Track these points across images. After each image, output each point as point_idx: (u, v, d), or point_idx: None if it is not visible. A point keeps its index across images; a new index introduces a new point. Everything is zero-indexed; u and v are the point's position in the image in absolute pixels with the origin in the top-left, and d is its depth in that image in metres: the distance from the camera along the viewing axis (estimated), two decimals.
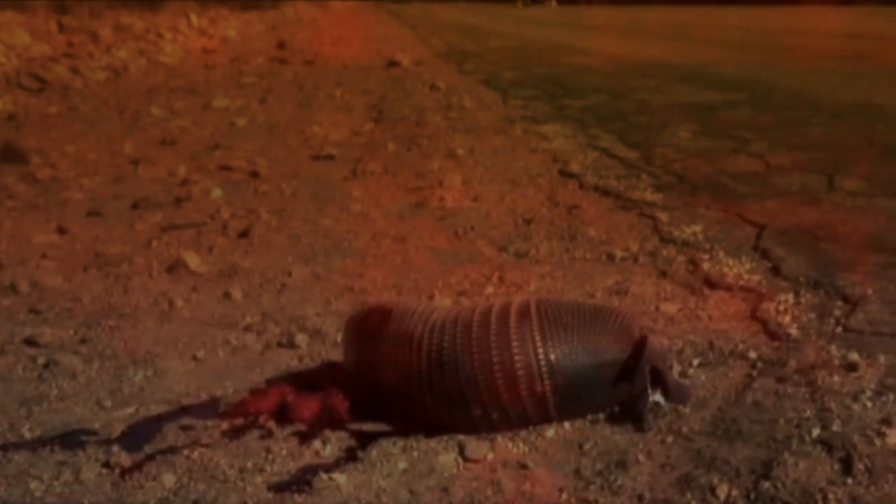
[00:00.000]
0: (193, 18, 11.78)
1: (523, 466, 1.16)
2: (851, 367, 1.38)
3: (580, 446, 1.20)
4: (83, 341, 1.61)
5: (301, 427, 1.26)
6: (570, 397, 1.23)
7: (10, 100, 4.97)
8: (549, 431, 1.23)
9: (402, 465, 1.17)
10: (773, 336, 1.53)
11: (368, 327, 1.30)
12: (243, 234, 2.33)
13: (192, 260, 2.05)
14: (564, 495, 1.09)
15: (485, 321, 1.24)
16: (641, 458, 1.17)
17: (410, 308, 1.30)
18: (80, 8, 9.28)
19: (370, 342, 1.28)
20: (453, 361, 1.22)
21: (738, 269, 1.90)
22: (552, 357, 1.21)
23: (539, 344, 1.22)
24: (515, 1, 20.65)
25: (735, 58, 7.39)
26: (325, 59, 8.43)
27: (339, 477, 1.13)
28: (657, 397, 1.26)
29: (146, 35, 9.06)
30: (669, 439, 1.21)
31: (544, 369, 1.21)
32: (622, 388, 1.25)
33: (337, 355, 1.46)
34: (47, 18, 8.06)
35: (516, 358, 1.21)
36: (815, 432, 1.19)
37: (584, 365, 1.23)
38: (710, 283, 1.82)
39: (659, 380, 1.26)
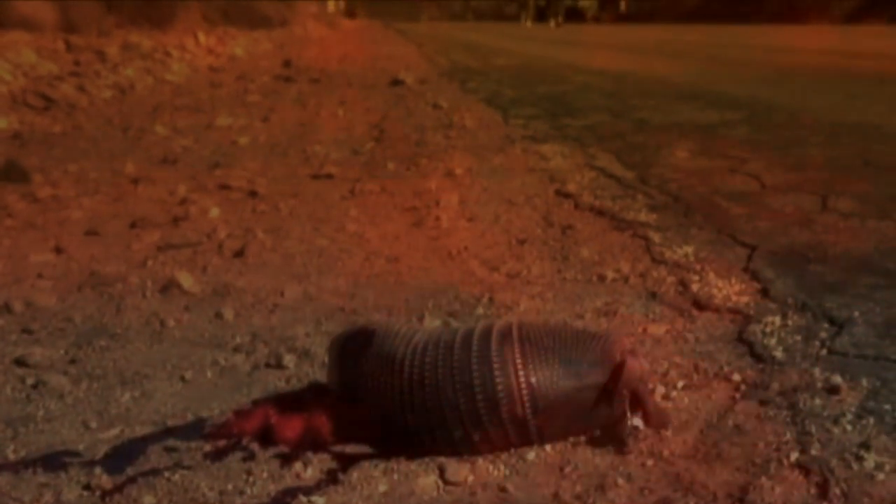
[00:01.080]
0: (201, 37, 11.88)
1: (503, 489, 1.17)
2: (833, 390, 1.38)
3: (560, 469, 1.21)
4: (73, 361, 1.62)
5: (284, 449, 1.27)
6: (551, 420, 1.24)
7: (15, 118, 5.02)
8: (530, 454, 1.24)
9: (382, 487, 1.17)
10: (758, 358, 1.54)
11: (352, 349, 1.31)
12: (238, 254, 2.35)
13: (186, 280, 2.06)
14: None
15: (466, 343, 1.25)
16: (621, 481, 1.17)
17: (393, 330, 1.31)
18: (89, 27, 9.37)
19: (353, 363, 1.29)
20: (434, 383, 1.23)
21: (728, 290, 1.90)
22: (533, 380, 1.22)
23: (520, 367, 1.23)
24: (520, 20, 20.71)
25: (734, 76, 7.42)
26: (330, 77, 8.48)
27: (319, 500, 1.14)
28: (637, 421, 1.26)
29: (153, 54, 9.14)
30: (650, 462, 1.22)
31: (525, 392, 1.22)
32: (602, 411, 1.25)
33: (324, 376, 1.47)
34: (55, 38, 8.15)
35: (497, 380, 1.22)
36: (794, 456, 1.19)
37: (565, 388, 1.23)
38: (699, 305, 1.83)
39: (639, 404, 1.26)
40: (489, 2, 48.09)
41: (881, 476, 1.14)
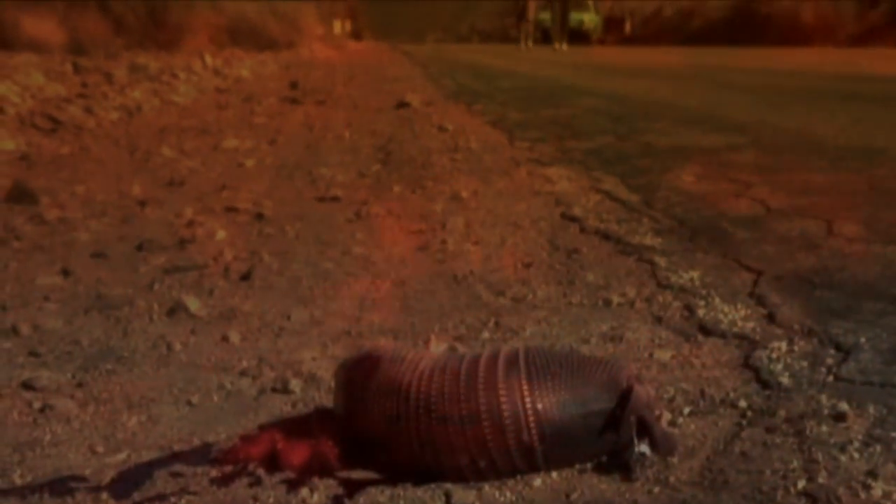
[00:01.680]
0: (208, 59, 11.96)
1: None
2: (840, 417, 1.38)
3: (567, 496, 1.21)
4: (80, 385, 1.62)
5: (290, 474, 1.27)
6: (558, 447, 1.24)
7: (23, 140, 5.05)
8: (537, 481, 1.24)
9: None
10: (764, 384, 1.53)
11: (358, 374, 1.31)
12: (245, 277, 2.36)
13: (192, 303, 2.07)
14: None
15: (473, 370, 1.25)
16: None
17: (400, 355, 1.32)
18: (96, 49, 9.45)
19: (360, 389, 1.29)
20: (441, 410, 1.23)
21: (734, 315, 1.90)
22: (540, 406, 1.22)
23: (527, 393, 1.23)
24: (519, 44, 20.70)
25: (740, 99, 7.44)
26: (337, 99, 8.53)
27: None
28: (643, 448, 1.26)
29: (160, 75, 9.21)
30: (656, 489, 1.21)
31: (532, 419, 1.22)
32: (609, 437, 1.25)
33: (330, 401, 1.47)
34: (63, 60, 8.21)
35: (504, 407, 1.22)
36: (801, 484, 1.19)
37: (572, 414, 1.23)
38: (705, 330, 1.83)
39: (645, 430, 1.26)
40: (494, 24, 48.35)
41: None
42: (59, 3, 9.37)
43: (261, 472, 1.27)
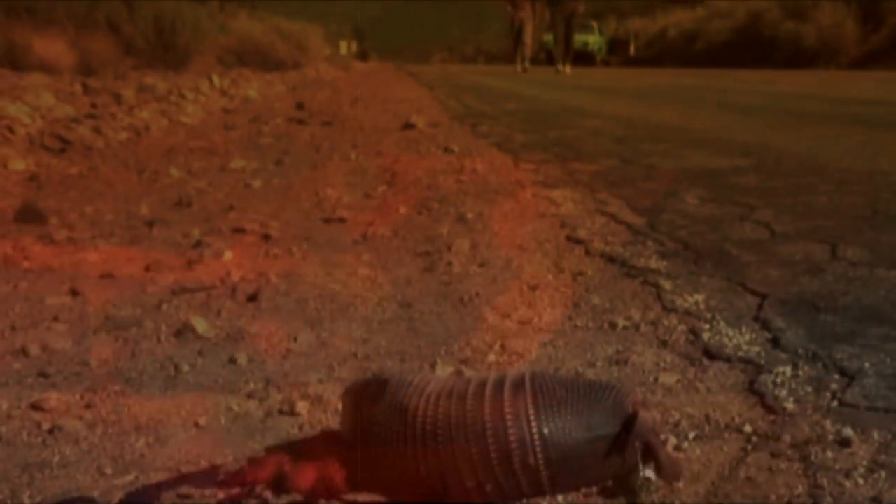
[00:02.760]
0: (215, 79, 12.05)
1: None
2: (845, 442, 1.38)
3: None
4: (88, 406, 1.64)
5: (297, 497, 1.27)
6: (564, 471, 1.25)
7: (32, 160, 5.09)
8: None
9: None
10: (769, 409, 1.54)
11: (365, 398, 1.32)
12: (252, 298, 2.37)
13: (200, 324, 2.08)
14: None
15: (479, 394, 1.26)
16: None
17: (407, 379, 1.33)
18: (105, 70, 9.53)
19: (367, 413, 1.30)
20: (447, 434, 1.24)
21: (738, 339, 1.91)
22: (546, 430, 1.23)
23: (533, 417, 1.24)
24: (516, 64, 20.71)
25: (744, 122, 7.47)
26: (343, 120, 8.58)
27: None
28: (648, 472, 1.27)
29: (168, 96, 9.27)
30: None
31: (538, 443, 1.23)
32: (615, 462, 1.26)
33: (337, 424, 1.48)
34: (72, 80, 8.29)
35: (510, 431, 1.23)
36: None
37: (578, 439, 1.24)
38: (710, 354, 1.83)
39: (651, 455, 1.27)
40: (500, 45, 48.60)
41: None
42: (70, 25, 9.46)
43: (268, 494, 1.28)
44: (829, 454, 1.35)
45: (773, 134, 6.40)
